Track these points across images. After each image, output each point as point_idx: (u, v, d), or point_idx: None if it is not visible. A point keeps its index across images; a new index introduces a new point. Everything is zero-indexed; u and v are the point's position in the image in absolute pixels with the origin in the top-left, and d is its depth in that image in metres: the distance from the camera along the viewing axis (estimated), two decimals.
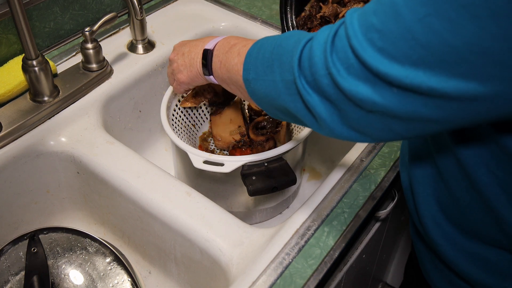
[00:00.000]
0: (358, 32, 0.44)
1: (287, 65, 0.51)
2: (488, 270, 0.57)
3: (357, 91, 0.45)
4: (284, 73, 0.52)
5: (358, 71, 0.44)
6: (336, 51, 0.46)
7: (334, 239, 0.68)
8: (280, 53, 0.53)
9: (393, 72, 0.42)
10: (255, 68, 0.57)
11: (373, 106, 0.45)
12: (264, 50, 0.57)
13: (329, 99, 0.47)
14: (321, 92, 0.48)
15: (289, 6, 0.96)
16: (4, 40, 0.88)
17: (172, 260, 0.80)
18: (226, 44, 0.66)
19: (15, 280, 0.75)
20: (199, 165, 0.75)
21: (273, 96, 0.55)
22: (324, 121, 0.49)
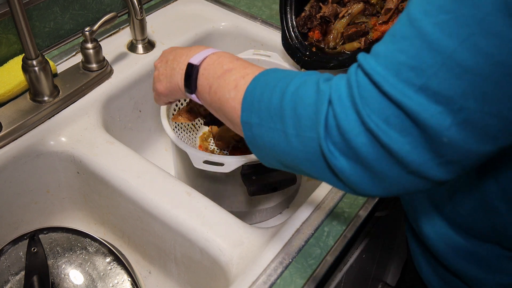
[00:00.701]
0: (388, 75, 0.39)
1: (307, 120, 0.45)
2: (478, 264, 0.57)
3: (399, 147, 0.39)
4: (301, 128, 0.45)
5: (399, 121, 0.39)
6: (367, 104, 0.40)
7: (334, 239, 0.68)
8: (296, 104, 0.46)
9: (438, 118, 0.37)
10: (258, 112, 0.50)
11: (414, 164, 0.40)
12: (270, 93, 0.49)
13: (363, 162, 0.42)
14: (352, 155, 0.42)
15: (289, 6, 0.96)
16: (4, 40, 0.88)
17: (172, 260, 0.80)
18: (218, 66, 0.58)
19: (15, 280, 0.75)
20: (199, 165, 0.75)
21: (283, 150, 0.48)
22: (353, 183, 0.44)
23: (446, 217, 0.59)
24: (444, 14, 0.37)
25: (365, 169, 0.42)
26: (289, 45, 0.94)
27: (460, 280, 0.61)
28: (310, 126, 0.44)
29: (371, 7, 0.91)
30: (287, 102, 0.46)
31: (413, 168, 0.40)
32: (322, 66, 0.89)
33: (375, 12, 0.91)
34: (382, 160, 0.41)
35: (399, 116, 0.39)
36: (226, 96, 0.54)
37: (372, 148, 0.41)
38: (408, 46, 0.39)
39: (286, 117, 0.46)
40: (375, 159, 0.41)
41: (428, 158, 0.39)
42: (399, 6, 0.86)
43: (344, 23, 0.92)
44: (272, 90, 0.49)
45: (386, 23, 0.86)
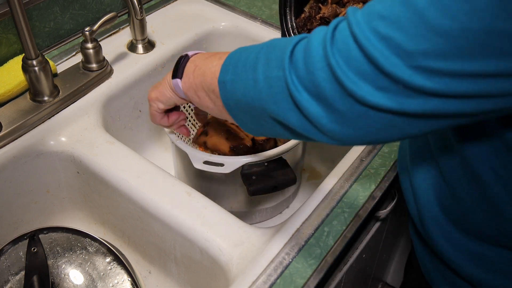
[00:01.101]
0: (361, 20, 0.40)
1: (275, 61, 0.47)
2: (488, 269, 0.57)
3: (358, 87, 0.41)
4: (269, 70, 0.47)
5: (360, 63, 0.40)
6: (336, 43, 0.42)
7: (334, 238, 0.68)
8: (269, 51, 0.49)
9: (396, 69, 0.38)
10: (234, 68, 0.52)
11: (375, 105, 0.41)
12: (250, 50, 0.52)
13: (322, 98, 0.43)
14: (313, 89, 0.44)
15: (288, 7, 0.96)
16: (4, 40, 0.88)
17: (172, 260, 0.80)
18: (206, 54, 0.62)
19: (15, 280, 0.75)
20: (199, 166, 0.75)
21: (252, 97, 0.49)
22: (316, 120, 0.45)
23: (455, 222, 0.58)
24: None
25: (324, 105, 0.43)
26: None
27: (468, 283, 0.61)
28: (277, 66, 0.46)
29: None
30: (262, 53, 0.49)
31: (366, 103, 0.41)
32: None
33: None
34: (339, 97, 0.42)
35: (359, 59, 0.40)
36: (209, 67, 0.57)
37: (330, 84, 0.42)
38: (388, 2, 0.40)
39: (259, 64, 0.49)
40: (332, 95, 0.42)
41: (380, 96, 0.40)
42: None
43: None
44: (252, 49, 0.52)
45: None
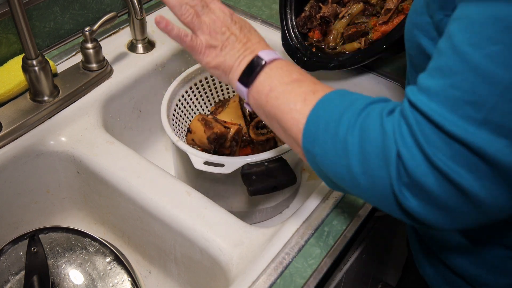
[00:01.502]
0: (446, 113, 0.38)
1: (375, 159, 0.44)
2: (484, 266, 0.57)
3: (470, 184, 0.39)
4: (369, 167, 0.44)
5: (465, 158, 0.38)
6: (431, 142, 0.39)
7: (334, 238, 0.68)
8: (361, 142, 0.45)
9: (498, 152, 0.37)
10: (322, 144, 0.48)
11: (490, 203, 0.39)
12: (336, 125, 0.47)
13: (433, 201, 0.41)
14: (423, 195, 0.41)
15: (289, 6, 0.96)
16: (4, 40, 0.88)
17: (172, 260, 0.80)
18: (287, 73, 0.55)
19: (15, 280, 0.75)
20: (199, 166, 0.75)
21: (347, 183, 0.47)
22: (424, 220, 0.43)
23: None
24: (493, 45, 0.37)
25: (437, 207, 0.41)
26: (289, 46, 0.94)
27: (464, 281, 0.61)
28: (380, 166, 0.43)
29: (371, 7, 0.91)
30: (352, 139, 0.45)
31: (487, 205, 0.40)
32: (322, 67, 0.89)
33: (375, 12, 0.91)
34: (454, 197, 0.40)
35: (464, 153, 0.38)
36: (290, 106, 0.52)
37: (442, 187, 0.40)
38: (461, 81, 0.38)
39: (352, 154, 0.45)
40: (447, 198, 0.40)
41: (500, 193, 0.39)
42: (399, 6, 0.86)
43: (344, 23, 0.92)
44: (337, 121, 0.47)
45: (386, 23, 0.86)
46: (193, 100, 0.96)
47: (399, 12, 0.86)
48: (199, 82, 0.96)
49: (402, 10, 0.86)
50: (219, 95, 1.01)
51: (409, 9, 0.57)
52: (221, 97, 1.01)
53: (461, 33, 0.39)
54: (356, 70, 0.95)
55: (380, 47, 0.81)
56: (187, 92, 0.94)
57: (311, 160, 0.50)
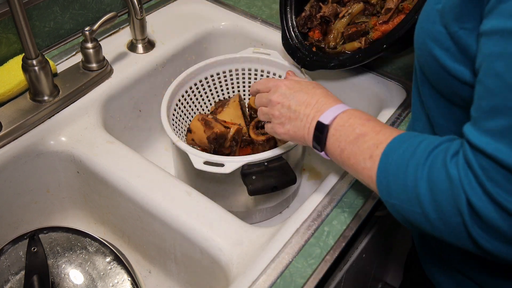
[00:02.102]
0: None
1: (448, 207, 0.45)
2: (492, 269, 0.57)
3: None
4: (443, 214, 0.46)
5: None
6: (500, 187, 0.41)
7: (334, 238, 0.68)
8: (430, 191, 0.47)
9: None
10: (396, 196, 0.50)
11: None
12: (404, 176, 0.49)
13: (509, 241, 0.43)
14: (501, 237, 0.43)
15: (289, 6, 0.96)
16: (4, 40, 0.88)
17: (172, 260, 0.80)
18: (350, 129, 0.58)
19: (15, 280, 0.75)
20: (199, 166, 0.75)
21: (424, 227, 0.49)
22: (500, 256, 0.45)
23: None
24: None
25: (510, 245, 0.43)
26: (290, 45, 0.94)
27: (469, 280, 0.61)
28: (453, 213, 0.45)
29: (371, 7, 0.91)
30: (422, 190, 0.47)
31: None
32: (322, 66, 0.89)
33: (375, 12, 0.91)
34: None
35: None
36: (361, 165, 0.55)
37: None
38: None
39: (424, 202, 0.47)
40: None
41: None
42: (399, 6, 0.86)
43: (344, 23, 0.92)
44: (404, 173, 0.49)
45: (386, 23, 0.86)
46: (193, 100, 0.96)
47: (400, 12, 0.86)
48: (199, 82, 0.96)
49: (402, 10, 0.86)
50: (219, 95, 1.01)
51: (420, 15, 0.56)
52: (221, 97, 1.01)
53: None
54: (356, 70, 0.95)
55: (381, 47, 0.81)
56: (187, 92, 0.94)
57: (392, 208, 0.52)
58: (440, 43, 0.51)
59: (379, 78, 0.94)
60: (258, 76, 0.99)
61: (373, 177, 0.54)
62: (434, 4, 0.52)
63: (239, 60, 0.97)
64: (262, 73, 0.98)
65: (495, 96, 0.41)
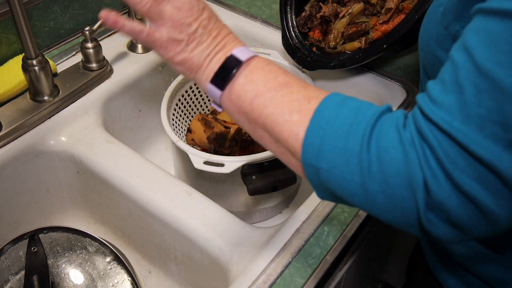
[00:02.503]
0: (470, 132, 0.37)
1: (397, 178, 0.40)
2: (500, 265, 0.57)
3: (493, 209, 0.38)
4: (389, 186, 0.41)
5: (491, 181, 0.37)
6: (455, 164, 0.38)
7: (334, 238, 0.68)
8: (379, 159, 0.41)
9: None
10: (329, 158, 0.43)
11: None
12: (345, 137, 0.43)
13: (454, 222, 0.40)
14: (446, 217, 0.40)
15: (289, 6, 0.96)
16: (4, 40, 0.88)
17: (172, 260, 0.80)
18: (270, 74, 0.49)
19: (15, 280, 0.75)
20: (199, 166, 0.75)
21: (357, 200, 0.44)
22: (441, 238, 0.42)
23: None
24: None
25: (455, 226, 0.40)
26: (290, 45, 0.94)
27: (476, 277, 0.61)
28: (403, 186, 0.40)
29: (371, 7, 0.91)
30: (368, 157, 0.41)
31: (503, 223, 0.39)
32: (322, 66, 0.89)
33: (375, 12, 0.91)
34: (474, 217, 0.39)
35: (489, 175, 0.37)
36: (285, 117, 0.46)
37: (465, 208, 0.39)
38: (487, 99, 0.37)
39: (368, 172, 0.41)
40: (467, 218, 0.39)
41: None
42: (399, 6, 0.86)
43: (345, 22, 0.92)
44: (346, 136, 0.42)
45: (386, 22, 0.86)
46: (193, 100, 0.96)
47: (400, 12, 0.86)
48: None
49: (402, 10, 0.86)
50: None
51: (424, 18, 0.56)
52: None
53: (484, 50, 0.38)
54: (356, 69, 0.95)
55: (381, 47, 0.81)
56: (187, 91, 0.94)
57: (313, 174, 0.46)
58: (442, 44, 0.50)
59: (379, 78, 0.94)
60: None
61: (299, 133, 0.45)
62: (437, 7, 0.52)
63: None
64: None
65: (459, 71, 0.39)
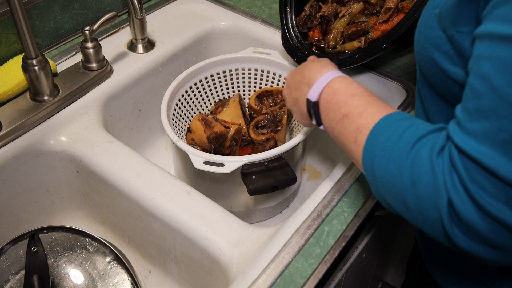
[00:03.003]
0: (497, 156, 0.40)
1: (428, 201, 0.45)
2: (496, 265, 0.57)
3: None
4: (423, 208, 0.46)
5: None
6: (483, 189, 0.41)
7: (334, 238, 0.68)
8: (413, 183, 0.46)
9: None
10: (380, 178, 0.50)
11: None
12: (387, 164, 0.49)
13: (486, 242, 0.43)
14: (477, 237, 0.43)
15: (289, 6, 0.96)
16: (4, 39, 0.88)
17: (172, 259, 0.80)
18: (336, 108, 0.58)
19: (15, 279, 0.75)
20: (199, 166, 0.75)
21: (404, 214, 0.49)
22: (472, 253, 0.45)
23: None
24: None
25: (488, 246, 0.43)
26: (290, 45, 0.94)
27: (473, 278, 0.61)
28: (432, 207, 0.45)
29: (371, 7, 0.91)
30: (405, 179, 0.47)
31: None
32: None
33: (375, 12, 0.91)
34: (506, 238, 0.41)
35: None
36: (348, 147, 0.56)
37: (495, 230, 0.41)
38: (509, 124, 0.39)
39: (406, 192, 0.47)
40: (498, 238, 0.42)
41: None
42: (399, 5, 0.86)
43: (344, 22, 0.92)
44: (388, 159, 0.49)
45: (386, 22, 0.86)
46: (193, 100, 0.96)
47: (399, 11, 0.86)
48: (199, 82, 0.96)
49: (402, 9, 0.86)
50: (219, 94, 1.01)
51: (419, 20, 0.57)
52: (221, 97, 1.01)
53: (500, 76, 0.40)
54: (356, 69, 0.95)
55: (380, 46, 0.81)
56: (187, 91, 0.94)
57: (374, 189, 0.53)
58: (438, 46, 0.51)
59: (379, 77, 0.94)
60: (258, 76, 0.99)
61: (359, 160, 0.54)
62: (432, 9, 0.53)
63: (239, 59, 0.97)
64: (262, 72, 0.98)
65: (481, 99, 0.41)
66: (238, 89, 1.01)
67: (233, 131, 0.86)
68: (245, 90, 1.01)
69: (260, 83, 1.00)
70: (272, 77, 0.98)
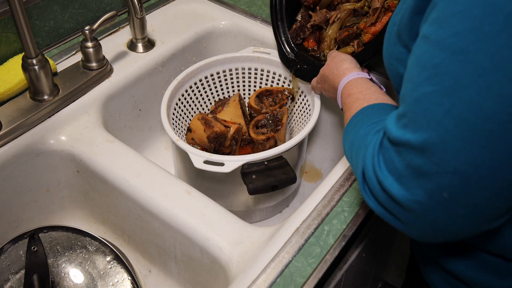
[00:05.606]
0: (392, 125, 0.47)
1: (360, 151, 0.54)
2: (486, 270, 0.57)
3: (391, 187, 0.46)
4: (357, 161, 0.54)
5: (392, 166, 0.46)
6: (384, 160, 0.48)
7: (334, 237, 0.68)
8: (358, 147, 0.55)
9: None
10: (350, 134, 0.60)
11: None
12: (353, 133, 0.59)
13: (389, 211, 0.49)
14: (382, 206, 0.49)
15: (280, 20, 0.96)
16: (4, 39, 0.88)
17: (172, 259, 0.80)
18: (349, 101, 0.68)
19: (15, 279, 0.75)
20: (199, 165, 0.75)
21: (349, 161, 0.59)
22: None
23: None
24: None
25: (386, 211, 0.49)
26: (287, 59, 0.94)
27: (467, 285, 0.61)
28: (356, 169, 0.54)
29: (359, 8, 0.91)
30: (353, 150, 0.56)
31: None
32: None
33: (364, 12, 0.90)
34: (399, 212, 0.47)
35: (402, 167, 0.46)
36: (346, 116, 0.66)
37: (390, 204, 0.48)
38: (407, 107, 0.45)
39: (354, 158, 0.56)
40: (391, 208, 0.48)
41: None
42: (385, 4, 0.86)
43: (336, 28, 0.92)
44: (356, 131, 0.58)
45: (374, 24, 0.86)
46: (193, 99, 0.96)
47: (386, 10, 0.86)
48: (199, 81, 0.96)
49: (388, 8, 0.85)
50: (219, 94, 1.01)
51: (384, 38, 0.60)
52: (221, 96, 1.01)
53: (414, 68, 0.46)
54: None
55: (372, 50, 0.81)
56: (187, 91, 0.94)
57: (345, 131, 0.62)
58: (403, 62, 0.54)
59: (379, 78, 0.94)
60: (258, 75, 0.99)
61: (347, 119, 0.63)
62: (392, 26, 0.56)
63: (239, 59, 0.97)
64: (262, 72, 0.98)
65: (403, 88, 0.47)
66: (238, 88, 1.01)
67: (233, 130, 0.86)
68: (245, 89, 1.01)
69: (260, 83, 1.00)
70: (272, 76, 0.98)
